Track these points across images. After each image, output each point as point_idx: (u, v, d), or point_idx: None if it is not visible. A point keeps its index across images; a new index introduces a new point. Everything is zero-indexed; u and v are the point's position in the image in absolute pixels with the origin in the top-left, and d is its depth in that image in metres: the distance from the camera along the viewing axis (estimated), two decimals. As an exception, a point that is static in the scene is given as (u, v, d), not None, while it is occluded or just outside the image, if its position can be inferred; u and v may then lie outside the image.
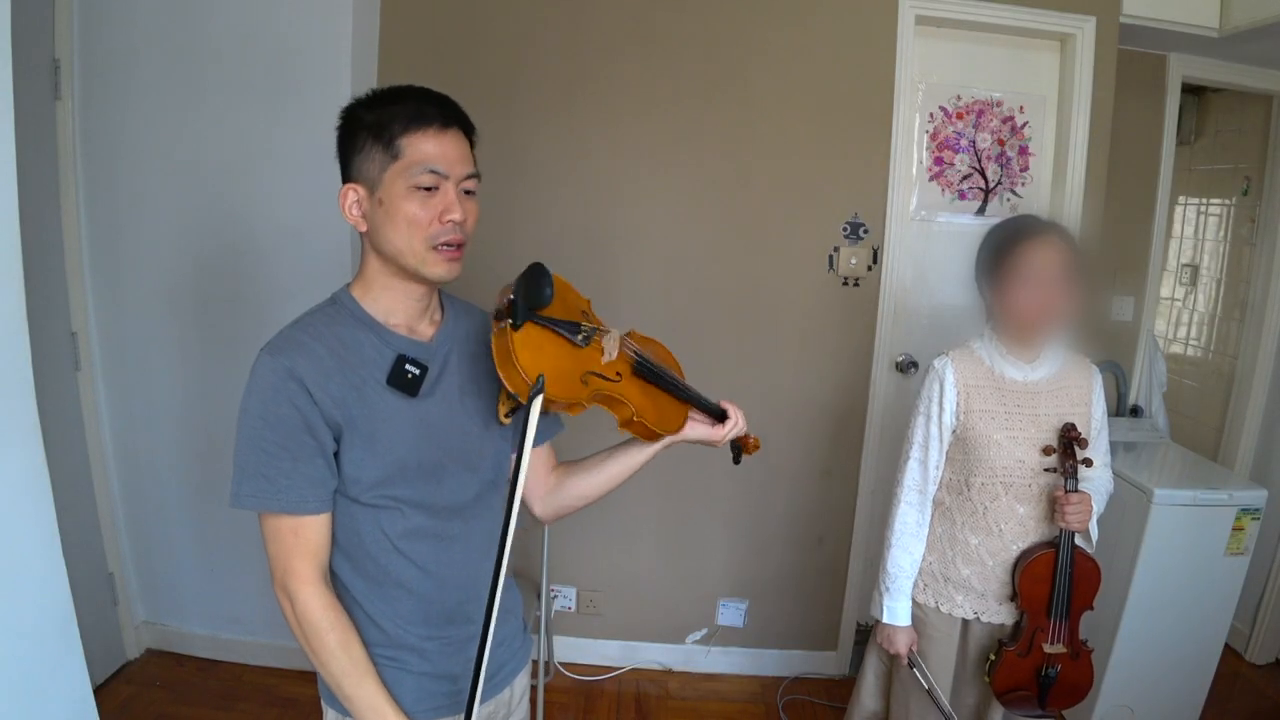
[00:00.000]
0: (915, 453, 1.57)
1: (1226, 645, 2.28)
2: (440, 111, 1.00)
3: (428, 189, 0.98)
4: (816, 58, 2.30)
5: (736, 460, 1.35)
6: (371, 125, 0.98)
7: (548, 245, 2.35)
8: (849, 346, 2.43)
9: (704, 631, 2.60)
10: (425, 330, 1.09)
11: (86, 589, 1.59)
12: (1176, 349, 3.32)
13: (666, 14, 2.27)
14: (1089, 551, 1.53)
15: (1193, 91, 2.95)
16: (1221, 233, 3.13)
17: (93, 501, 2.30)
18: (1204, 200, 3.22)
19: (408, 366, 1.02)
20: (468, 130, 1.04)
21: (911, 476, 1.57)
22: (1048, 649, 1.50)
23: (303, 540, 0.97)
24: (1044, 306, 1.43)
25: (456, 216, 0.99)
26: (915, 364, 2.55)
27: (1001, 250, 1.48)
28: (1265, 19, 2.19)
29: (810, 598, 2.57)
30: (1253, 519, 2.09)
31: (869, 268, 2.38)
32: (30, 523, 1.31)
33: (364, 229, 1.02)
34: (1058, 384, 1.53)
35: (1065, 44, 2.41)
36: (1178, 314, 3.34)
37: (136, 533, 2.41)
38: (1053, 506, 1.48)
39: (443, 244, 1.00)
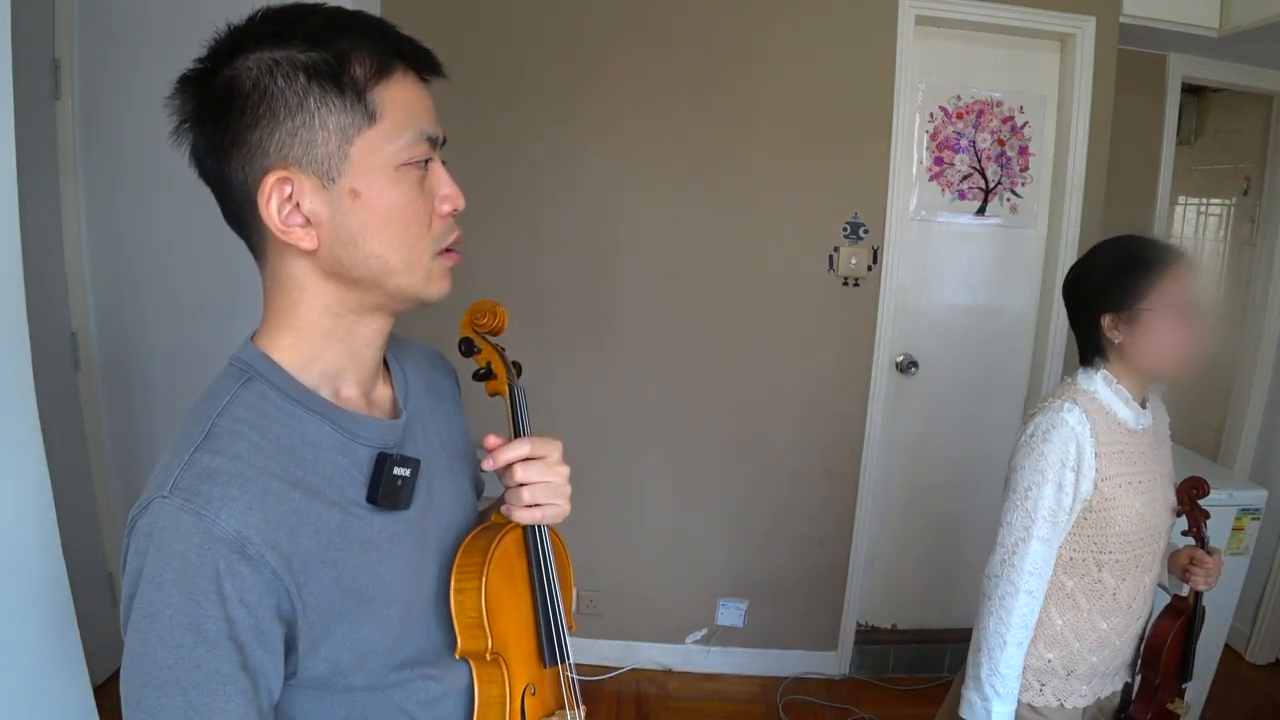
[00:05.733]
0: (1042, 530, 1.24)
1: (1226, 645, 2.28)
2: (413, 46, 0.67)
3: (421, 164, 0.65)
4: (816, 58, 2.29)
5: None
6: (318, 68, 0.60)
7: (547, 245, 2.35)
8: (849, 346, 2.43)
9: (704, 631, 2.60)
10: (383, 394, 0.75)
11: (86, 589, 1.60)
12: (1176, 349, 3.32)
13: (666, 14, 2.27)
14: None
15: (1193, 91, 2.95)
16: (1221, 233, 3.13)
17: (93, 501, 2.29)
18: (1204, 200, 3.22)
19: (397, 470, 0.68)
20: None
21: (1034, 560, 1.25)
22: (1178, 709, 1.38)
23: None
24: (1190, 346, 1.24)
25: (460, 203, 0.68)
26: (915, 364, 2.55)
27: (1135, 280, 1.26)
28: (1265, 19, 2.19)
29: (810, 598, 2.57)
30: (1253, 519, 2.10)
31: (869, 268, 2.38)
32: (30, 523, 1.31)
33: (311, 245, 0.64)
34: (1157, 429, 1.36)
35: (1065, 44, 2.41)
36: (1178, 314, 3.33)
37: (136, 533, 2.41)
38: (1186, 569, 1.35)
39: (448, 247, 0.69)
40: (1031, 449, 1.26)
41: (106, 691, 2.30)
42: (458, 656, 0.73)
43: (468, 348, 0.83)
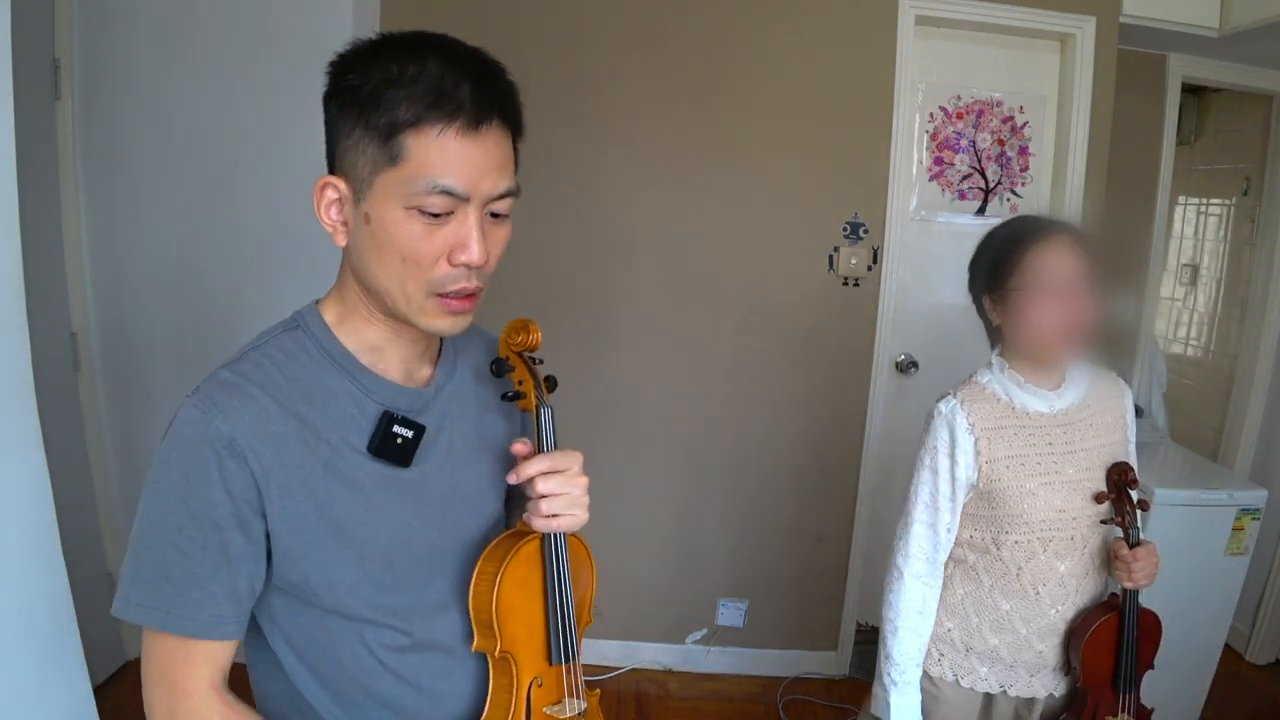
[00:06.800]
0: (921, 514, 1.29)
1: (1226, 645, 2.28)
2: (475, 95, 0.68)
3: (436, 215, 0.69)
4: (817, 58, 2.30)
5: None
6: (363, 101, 0.68)
7: (548, 246, 2.35)
8: (849, 346, 2.43)
9: (704, 631, 2.60)
10: (424, 373, 0.83)
11: (86, 589, 1.60)
12: (1176, 349, 3.32)
13: (666, 15, 2.27)
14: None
15: (1193, 91, 2.95)
16: (1221, 233, 3.13)
17: (93, 501, 2.29)
18: (1204, 200, 3.22)
19: (396, 429, 0.75)
20: (514, 124, 0.74)
21: (918, 544, 1.30)
22: None
23: (205, 667, 0.70)
24: (1063, 322, 1.20)
25: (473, 259, 0.70)
26: (915, 364, 2.55)
27: (1004, 259, 1.26)
28: (1265, 19, 2.19)
29: (810, 598, 2.57)
30: (1253, 519, 2.10)
31: (869, 268, 2.38)
32: (30, 523, 1.31)
33: (343, 242, 0.74)
34: (1088, 409, 1.31)
35: (1065, 44, 2.41)
36: (1178, 314, 3.34)
37: (136, 533, 2.41)
38: (1112, 563, 1.27)
39: (451, 292, 0.72)
40: (921, 441, 1.33)
41: (106, 691, 2.30)
42: (474, 650, 0.81)
43: (498, 369, 0.85)
